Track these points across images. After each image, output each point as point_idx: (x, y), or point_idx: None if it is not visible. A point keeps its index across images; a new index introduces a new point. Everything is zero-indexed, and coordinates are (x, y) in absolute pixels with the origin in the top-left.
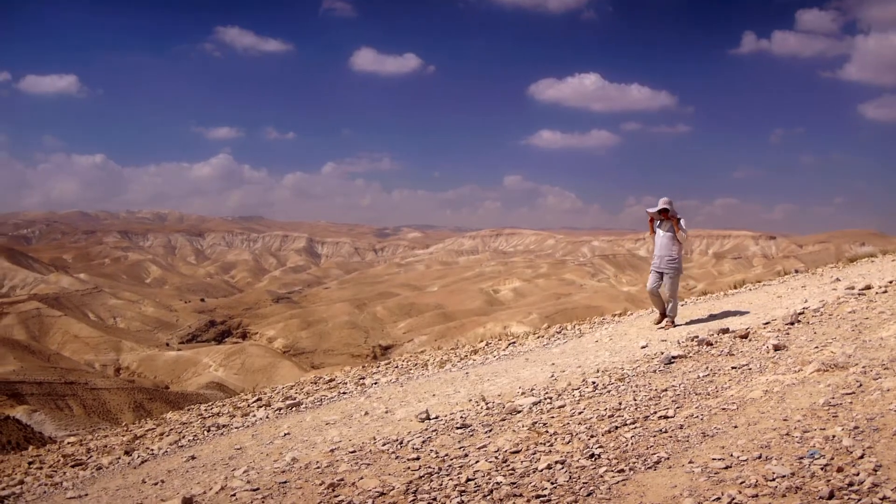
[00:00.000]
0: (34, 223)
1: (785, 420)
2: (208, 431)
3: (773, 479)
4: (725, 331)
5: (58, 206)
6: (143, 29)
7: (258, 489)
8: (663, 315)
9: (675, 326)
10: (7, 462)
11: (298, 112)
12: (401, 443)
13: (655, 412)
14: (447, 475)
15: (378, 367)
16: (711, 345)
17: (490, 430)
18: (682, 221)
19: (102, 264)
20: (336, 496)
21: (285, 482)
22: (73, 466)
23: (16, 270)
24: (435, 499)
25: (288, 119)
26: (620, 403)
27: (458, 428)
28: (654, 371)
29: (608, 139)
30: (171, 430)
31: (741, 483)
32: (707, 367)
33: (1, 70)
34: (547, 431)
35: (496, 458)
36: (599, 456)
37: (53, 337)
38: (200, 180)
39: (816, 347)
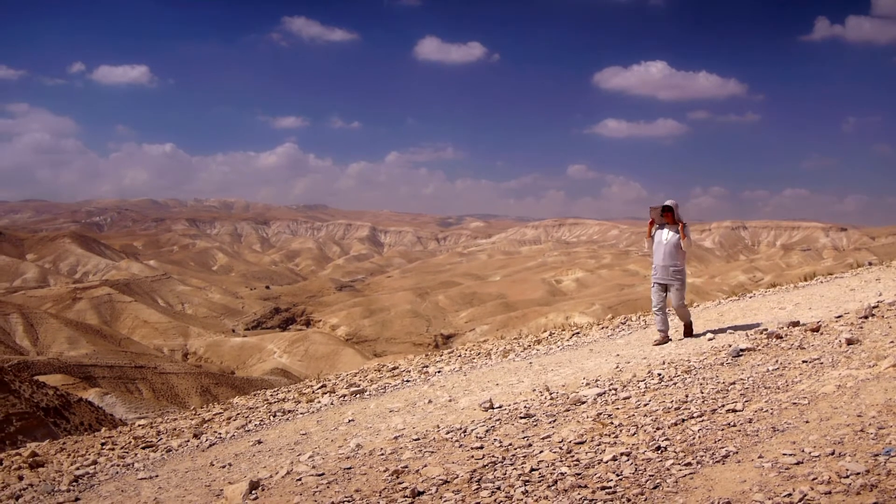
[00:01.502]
0: (106, 211)
1: (859, 416)
2: (274, 416)
3: (847, 477)
4: (796, 324)
5: (129, 194)
6: (213, 19)
7: (323, 474)
8: (666, 336)
9: (694, 336)
10: (81, 443)
11: (363, 101)
12: (464, 431)
13: (723, 405)
14: (511, 465)
15: (441, 355)
16: (781, 338)
17: (554, 421)
18: (686, 227)
19: (171, 251)
20: (400, 483)
21: (350, 468)
22: (143, 448)
23: (88, 257)
24: (499, 488)
25: (353, 108)
26: (687, 396)
27: (521, 417)
28: (722, 364)
29: (675, 128)
30: (238, 414)
31: (813, 479)
32: (777, 361)
33: (75, 61)
34: (612, 423)
35: (560, 448)
36: (666, 449)
37: (124, 322)
38: (266, 169)
39: (892, 342)
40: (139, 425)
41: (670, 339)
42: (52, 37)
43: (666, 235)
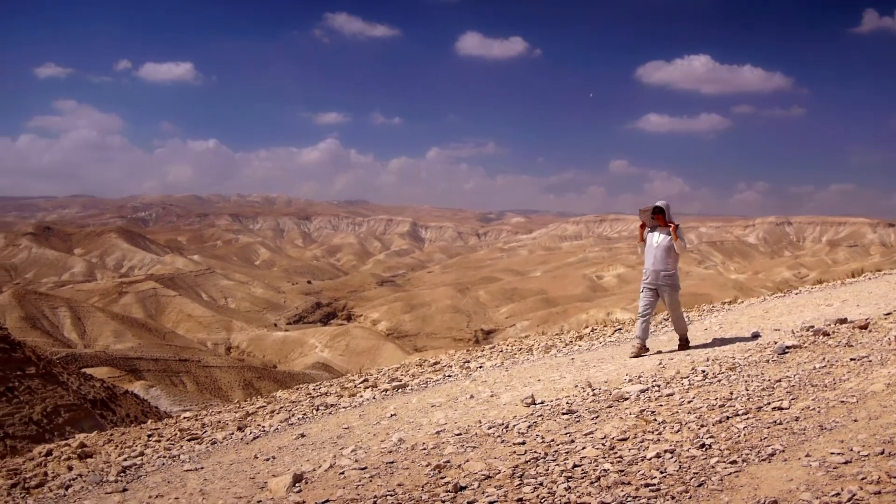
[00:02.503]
0: (151, 206)
1: None
2: (317, 410)
3: None
4: (843, 321)
5: (173, 189)
6: (256, 16)
7: (366, 468)
8: (644, 346)
9: (689, 348)
10: (128, 434)
11: (404, 97)
12: (506, 427)
13: (769, 403)
14: (553, 461)
15: (483, 350)
16: (828, 335)
17: (597, 417)
18: (679, 229)
19: (214, 246)
20: (442, 477)
21: (392, 462)
22: (189, 440)
23: (134, 252)
24: (541, 483)
25: (394, 104)
26: (732, 393)
27: (564, 413)
28: (767, 361)
29: (718, 123)
30: (282, 408)
31: (862, 479)
32: (824, 359)
33: (121, 58)
34: (655, 420)
35: (603, 444)
36: (710, 446)
37: (168, 316)
38: (308, 165)
39: None
40: (184, 418)
41: (648, 350)
42: (99, 35)
43: (657, 238)
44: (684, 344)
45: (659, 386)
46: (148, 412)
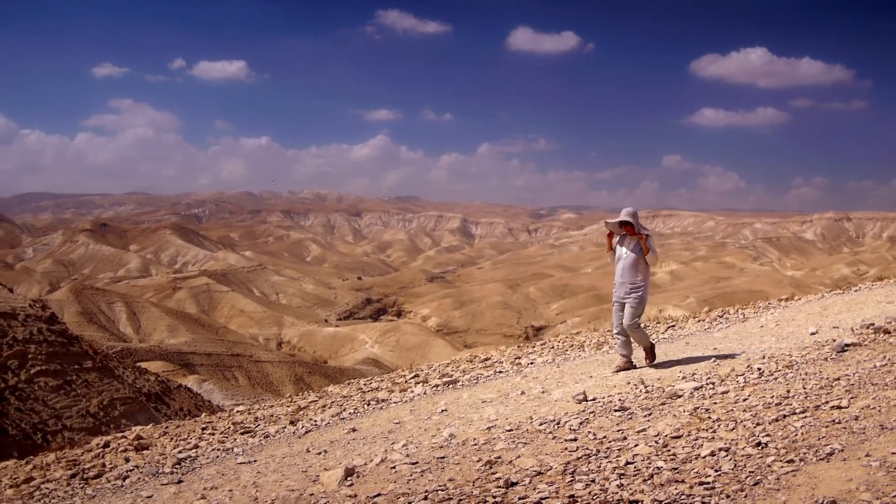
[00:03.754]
0: (204, 203)
1: None
2: (368, 405)
3: None
4: None
5: (226, 186)
6: (309, 14)
7: (417, 463)
8: (629, 362)
9: (653, 362)
10: (183, 427)
11: (455, 93)
12: (558, 423)
13: (827, 402)
14: (605, 457)
15: (533, 347)
16: (889, 333)
17: (649, 414)
18: (650, 239)
19: (266, 242)
20: (493, 473)
21: (443, 457)
22: (242, 433)
23: (188, 248)
24: (593, 480)
25: (445, 100)
26: (789, 391)
27: (616, 410)
28: (826, 359)
29: (775, 117)
30: (333, 402)
31: None
32: (885, 357)
33: (176, 57)
34: (709, 417)
35: (656, 442)
36: (767, 445)
37: (221, 311)
38: (359, 161)
39: None
40: (237, 411)
41: (634, 367)
42: (154, 34)
43: (625, 250)
44: (651, 356)
45: (713, 383)
46: (201, 406)
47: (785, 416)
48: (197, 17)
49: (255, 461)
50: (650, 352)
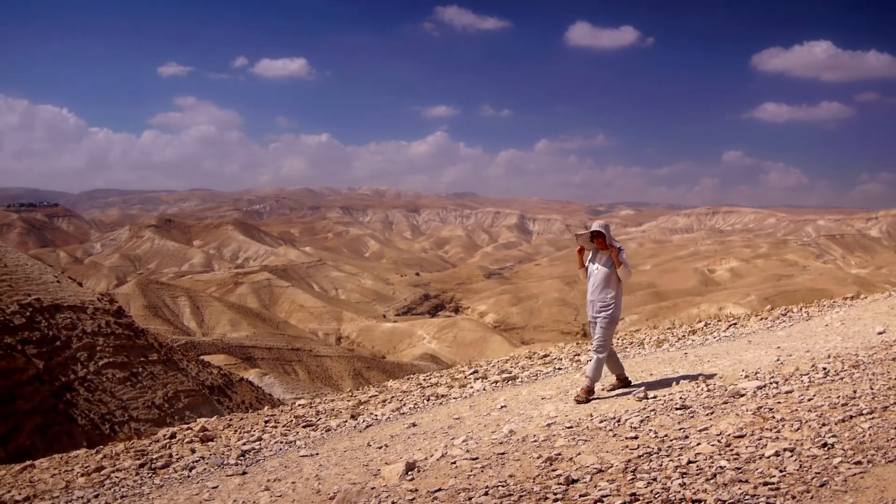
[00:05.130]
0: (265, 199)
1: None
2: (427, 400)
3: None
4: None
5: (286, 183)
6: (368, 11)
7: (477, 458)
8: (623, 378)
9: (584, 402)
10: (246, 420)
11: (513, 89)
12: (618, 421)
13: None
14: (667, 456)
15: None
16: None
17: (711, 413)
18: (622, 253)
19: (326, 238)
20: (554, 470)
21: (503, 453)
22: (304, 427)
23: (249, 243)
24: (655, 479)
25: (503, 96)
26: (855, 391)
27: (677, 409)
28: (894, 359)
29: (840, 111)
30: (393, 397)
31: None
32: None
33: (238, 55)
34: (773, 417)
35: (719, 441)
36: (833, 446)
37: (281, 306)
38: (417, 157)
39: None
40: (299, 405)
41: (631, 382)
42: (217, 33)
43: (596, 265)
44: (589, 391)
45: (777, 383)
46: (262, 399)
47: (852, 417)
48: (258, 16)
49: (317, 454)
50: (588, 389)
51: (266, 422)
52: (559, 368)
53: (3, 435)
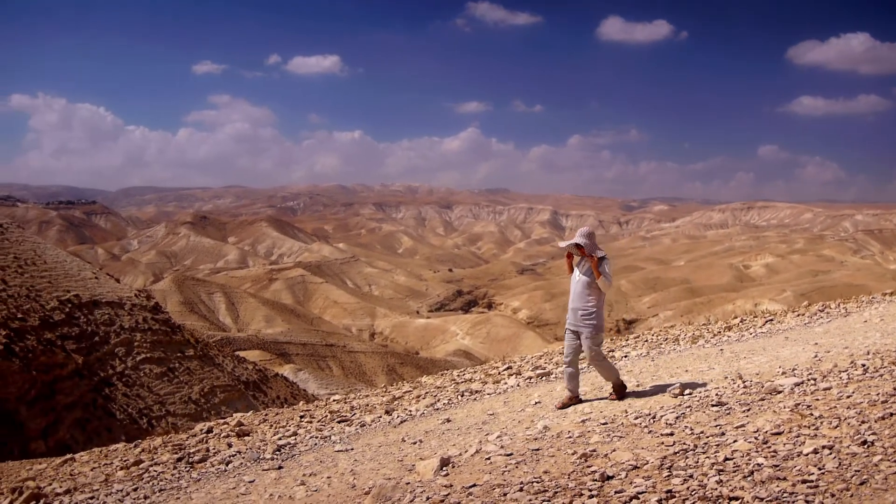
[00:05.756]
0: (299, 196)
1: None
2: (462, 396)
3: None
4: None
5: (320, 179)
6: (401, 8)
7: (511, 454)
8: (575, 397)
9: (625, 396)
10: (282, 415)
11: (545, 85)
12: (653, 417)
13: None
14: (703, 453)
15: (627, 340)
16: None
17: (748, 410)
18: (605, 263)
19: (359, 234)
20: (589, 466)
21: (538, 449)
22: (339, 422)
23: (283, 240)
24: (691, 476)
25: (535, 92)
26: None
27: (713, 405)
28: None
29: (878, 104)
30: (427, 393)
31: None
32: None
33: (272, 53)
34: (811, 414)
35: (756, 438)
36: (873, 443)
37: (315, 302)
38: (450, 154)
39: None
40: (334, 400)
41: (581, 401)
42: (251, 31)
43: (578, 273)
44: (620, 391)
45: (815, 379)
46: (297, 394)
47: (892, 414)
48: (292, 13)
49: (352, 449)
50: (619, 388)
51: (301, 417)
52: None
53: (44, 429)
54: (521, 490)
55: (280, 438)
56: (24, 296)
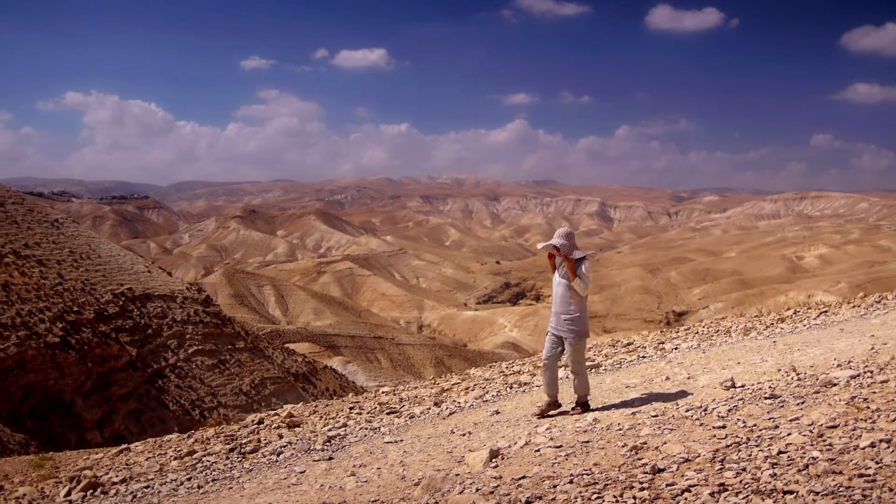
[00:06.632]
0: (346, 189)
1: None
2: (510, 388)
3: None
4: None
5: (367, 172)
6: (447, 0)
7: (561, 447)
8: (554, 402)
9: (588, 411)
10: (331, 406)
11: (593, 75)
12: (705, 410)
13: None
14: (756, 446)
15: (677, 332)
16: None
17: (802, 403)
18: (582, 264)
19: (406, 227)
20: (639, 459)
21: (587, 441)
22: (388, 414)
23: (331, 233)
24: (744, 469)
25: (583, 83)
26: None
27: (766, 398)
28: None
29: None
30: (476, 385)
31: None
32: None
33: (319, 47)
34: (868, 407)
35: (810, 431)
36: None
37: (363, 294)
38: (497, 146)
39: None
40: (383, 392)
41: (560, 405)
42: (298, 26)
43: (558, 276)
44: (584, 408)
45: (871, 372)
46: (345, 386)
47: None
48: (338, 7)
49: (402, 441)
50: (583, 404)
51: (351, 408)
52: (643, 357)
53: (100, 419)
54: (570, 482)
55: (330, 430)
56: (79, 289)
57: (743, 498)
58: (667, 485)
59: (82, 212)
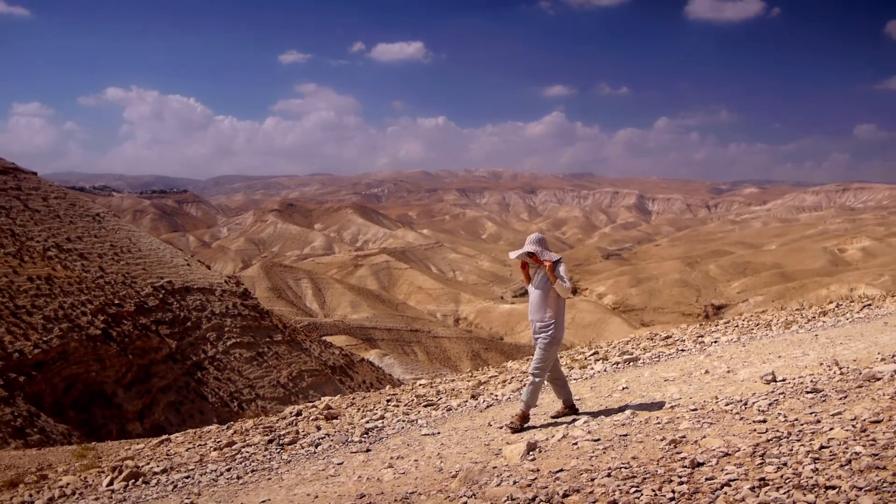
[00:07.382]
0: (383, 183)
1: None
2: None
3: None
4: None
5: (403, 166)
6: None
7: (599, 440)
8: (569, 406)
9: (521, 431)
10: (369, 398)
11: (631, 66)
12: (745, 404)
13: None
14: (797, 441)
15: (717, 325)
16: None
17: (845, 397)
18: (560, 267)
19: (443, 220)
20: (678, 452)
21: (626, 435)
22: (425, 406)
23: (368, 226)
24: (785, 464)
25: (621, 74)
26: None
27: (808, 392)
28: None
29: None
30: (512, 378)
31: None
32: None
33: (356, 41)
34: None
35: (853, 426)
36: None
37: (400, 287)
38: (534, 138)
39: None
40: (420, 385)
41: (577, 409)
42: (335, 20)
43: (534, 281)
44: (522, 421)
45: None
46: (382, 379)
47: None
48: (375, 1)
49: (439, 433)
50: (523, 418)
51: (388, 401)
52: (682, 350)
53: (140, 411)
54: (608, 476)
55: (367, 422)
56: (120, 282)
57: (784, 493)
58: (706, 479)
59: (123, 206)
